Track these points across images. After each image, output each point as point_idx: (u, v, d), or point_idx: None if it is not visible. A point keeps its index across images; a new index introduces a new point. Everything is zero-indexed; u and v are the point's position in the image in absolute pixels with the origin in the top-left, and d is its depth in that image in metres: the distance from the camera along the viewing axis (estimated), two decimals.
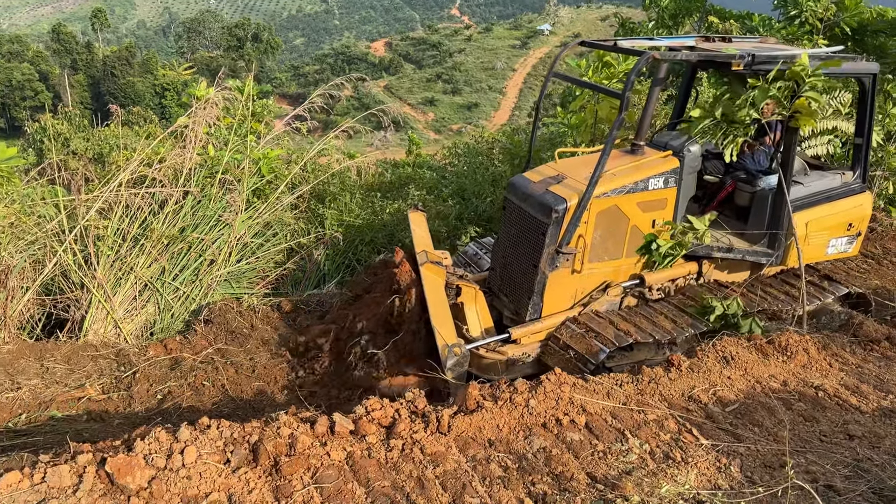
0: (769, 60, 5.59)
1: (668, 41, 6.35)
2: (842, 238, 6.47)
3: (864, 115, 6.39)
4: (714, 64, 5.94)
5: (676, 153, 5.89)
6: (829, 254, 6.51)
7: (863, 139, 6.47)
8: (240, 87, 8.06)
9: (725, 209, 6.52)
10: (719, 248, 6.06)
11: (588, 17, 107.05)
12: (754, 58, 5.51)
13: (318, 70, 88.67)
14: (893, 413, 4.39)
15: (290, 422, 3.61)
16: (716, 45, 6.19)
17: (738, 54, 5.47)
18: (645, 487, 3.41)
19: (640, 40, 6.32)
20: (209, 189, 7.11)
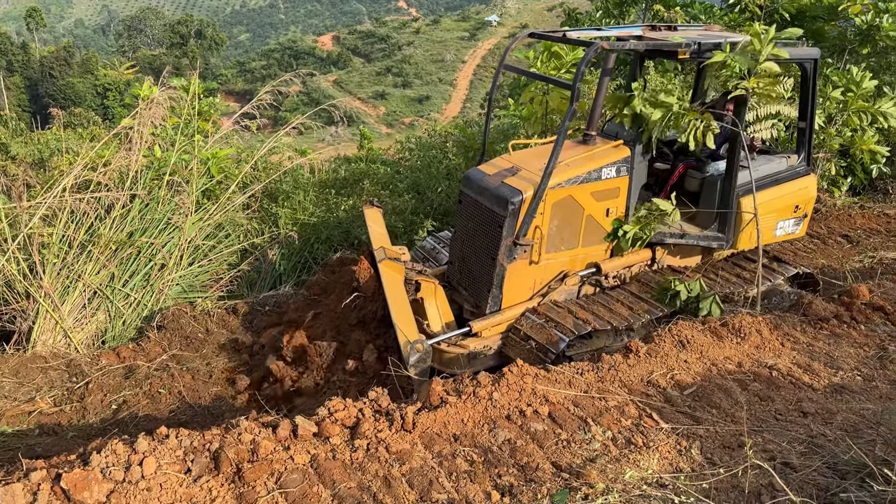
0: (714, 48, 5.71)
1: (615, 31, 6.43)
2: (789, 220, 6.63)
3: (806, 99, 6.56)
4: (662, 53, 6.05)
5: (627, 142, 5.97)
6: (777, 236, 6.67)
7: (806, 123, 6.64)
8: (185, 86, 7.88)
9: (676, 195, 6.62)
10: (672, 234, 6.17)
11: (535, 8, 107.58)
12: (700, 46, 5.61)
13: (264, 66, 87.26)
14: (844, 389, 4.53)
15: (251, 427, 3.55)
16: (662, 33, 6.28)
17: (684, 42, 5.57)
18: (609, 474, 3.45)
19: (588, 31, 6.38)
20: (157, 191, 6.94)
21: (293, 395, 5.41)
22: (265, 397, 5.38)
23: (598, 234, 5.98)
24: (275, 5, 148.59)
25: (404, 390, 4.90)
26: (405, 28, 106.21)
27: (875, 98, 9.89)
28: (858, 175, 10.85)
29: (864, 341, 5.28)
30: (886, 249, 8.85)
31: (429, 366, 4.91)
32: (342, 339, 5.72)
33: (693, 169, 6.53)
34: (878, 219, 10.33)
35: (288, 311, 6.41)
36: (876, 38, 11.23)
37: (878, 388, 4.60)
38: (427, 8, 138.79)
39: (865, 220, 10.23)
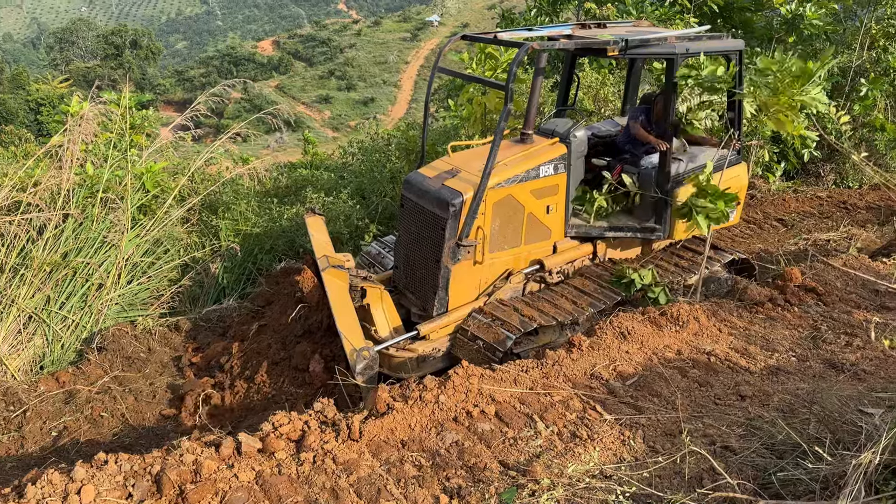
0: (641, 44, 5.84)
1: (546, 31, 6.50)
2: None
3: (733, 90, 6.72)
4: (591, 51, 6.16)
5: (563, 139, 6.05)
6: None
7: (734, 113, 6.81)
8: (116, 100, 7.69)
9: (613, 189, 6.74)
10: (612, 227, 6.29)
11: (475, 7, 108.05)
12: (627, 42, 5.72)
13: (203, 73, 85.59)
14: (780, 370, 4.68)
15: (194, 447, 3.50)
16: (592, 31, 6.39)
17: (612, 40, 5.67)
18: (555, 469, 3.50)
19: (519, 31, 6.43)
20: (90, 210, 6.76)
21: (240, 411, 5.33)
22: (211, 415, 5.29)
23: (540, 232, 6.05)
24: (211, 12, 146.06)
25: (353, 399, 4.89)
26: (346, 30, 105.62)
27: None
28: (791, 160, 11.22)
29: (798, 323, 5.46)
30: (819, 231, 9.18)
31: (377, 372, 4.90)
32: (288, 351, 5.66)
33: (629, 164, 6.65)
34: (811, 202, 10.70)
35: (232, 325, 6.32)
36: (801, 27, 11.62)
37: (811, 367, 4.76)
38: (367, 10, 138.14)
39: (799, 204, 10.58)
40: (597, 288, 5.98)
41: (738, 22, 12.39)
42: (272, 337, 5.84)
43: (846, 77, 11.99)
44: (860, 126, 12.00)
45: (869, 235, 8.51)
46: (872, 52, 12.18)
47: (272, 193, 9.99)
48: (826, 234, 8.67)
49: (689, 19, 11.39)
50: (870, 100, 11.45)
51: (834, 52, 8.16)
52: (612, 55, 5.74)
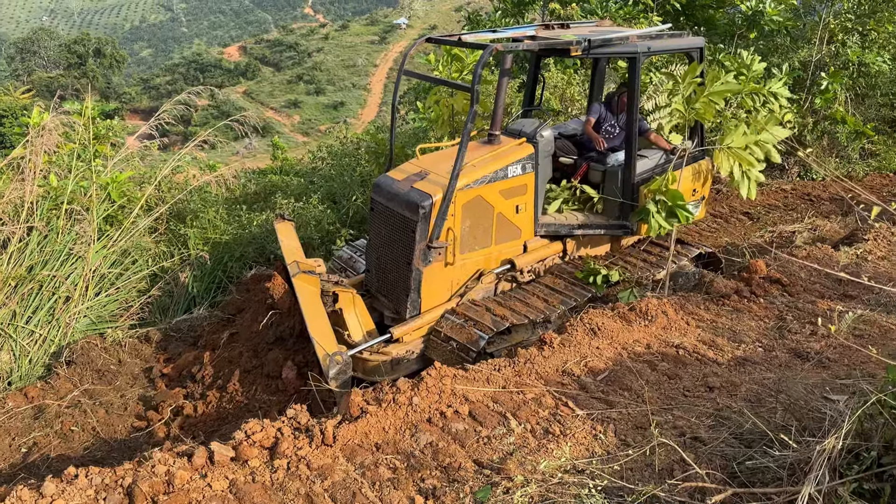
0: (604, 44, 5.92)
1: (510, 32, 6.56)
2: (689, 203, 6.89)
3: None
4: (555, 51, 6.21)
5: (530, 139, 6.11)
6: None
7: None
8: (79, 110, 7.58)
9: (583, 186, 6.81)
10: (581, 225, 6.36)
11: (442, 9, 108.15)
12: (590, 42, 5.80)
13: (169, 81, 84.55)
14: (747, 361, 4.77)
15: (166, 458, 3.47)
16: (555, 31, 6.47)
17: (575, 40, 5.74)
18: (528, 466, 3.54)
19: (483, 33, 6.48)
20: (55, 222, 6.66)
21: (213, 420, 5.30)
22: (184, 426, 5.25)
23: (510, 231, 6.09)
24: (176, 19, 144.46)
25: (326, 404, 4.88)
26: (313, 35, 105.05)
27: (765, 79, 10.43)
28: None
29: (764, 314, 5.57)
30: (784, 223, 9.34)
31: (350, 377, 4.89)
32: (260, 359, 5.63)
33: (595, 161, 6.73)
34: (775, 195, 10.89)
35: (203, 335, 6.27)
36: (761, 23, 11.84)
37: (777, 357, 4.86)
38: (334, 13, 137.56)
39: (764, 197, 10.77)
40: (567, 285, 6.04)
41: (700, 19, 12.59)
42: (244, 345, 5.80)
43: (807, 71, 12.23)
44: (822, 119, 12.25)
45: (833, 226, 8.69)
46: (831, 47, 12.44)
47: (241, 200, 9.93)
48: (791, 226, 8.84)
49: (653, 17, 11.54)
50: (830, 93, 11.70)
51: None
52: (575, 55, 5.80)
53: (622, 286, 6.07)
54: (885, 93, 13.00)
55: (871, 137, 12.48)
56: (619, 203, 6.40)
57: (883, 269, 6.47)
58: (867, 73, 12.44)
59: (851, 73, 12.23)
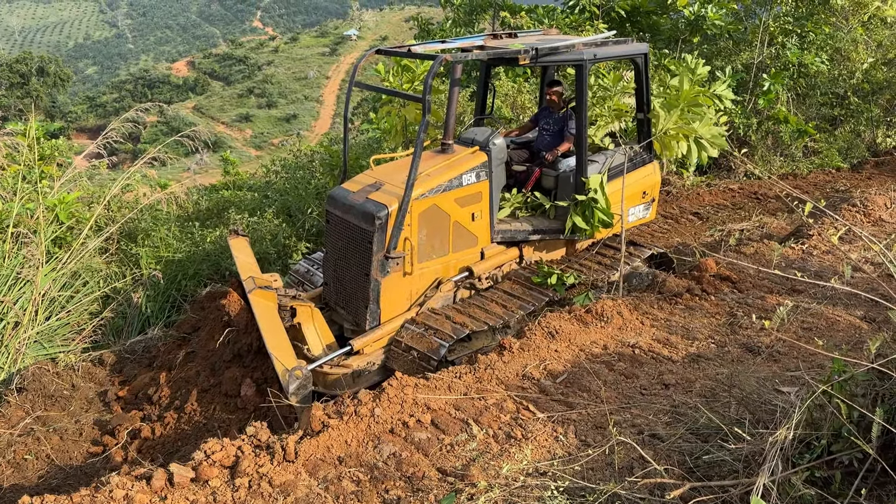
0: (551, 52, 6.02)
1: (459, 42, 6.61)
2: (639, 206, 7.09)
3: (641, 91, 7.00)
4: (504, 60, 6.31)
5: (483, 147, 6.16)
6: (630, 221, 7.09)
7: (643, 114, 7.07)
8: (22, 131, 7.40)
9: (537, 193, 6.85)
10: (535, 230, 6.44)
11: (392, 20, 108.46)
12: (538, 51, 5.89)
13: (116, 98, 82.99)
14: (700, 358, 4.88)
15: (124, 482, 3.40)
16: (504, 41, 6.54)
17: (523, 49, 5.82)
18: (490, 471, 3.56)
19: (433, 44, 6.52)
20: (1, 246, 6.48)
21: (172, 442, 5.19)
22: (142, 449, 5.14)
23: (467, 239, 6.13)
24: (122, 35, 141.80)
25: (287, 420, 4.83)
26: (263, 47, 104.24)
27: (709, 82, 10.70)
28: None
29: (716, 311, 5.71)
30: (733, 221, 9.59)
31: (311, 391, 4.85)
32: (218, 377, 5.55)
33: (547, 167, 6.81)
34: (724, 194, 11.17)
35: (159, 355, 6.14)
36: (703, 27, 12.16)
37: (730, 352, 4.98)
38: (283, 26, 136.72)
39: (713, 197, 11.04)
40: (525, 290, 6.10)
41: (645, 25, 12.88)
42: (201, 364, 5.71)
43: (749, 73, 12.59)
44: (765, 119, 12.63)
45: (780, 223, 8.94)
46: (772, 49, 12.84)
47: (193, 217, 9.76)
48: (739, 224, 9.08)
49: (599, 25, 11.76)
50: (772, 94, 12.07)
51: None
52: (523, 63, 5.87)
53: (579, 289, 6.16)
54: (825, 92, 13.48)
55: (813, 136, 12.92)
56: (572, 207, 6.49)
57: (828, 263, 6.69)
58: (807, 73, 12.88)
59: (792, 74, 12.65)
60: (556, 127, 6.97)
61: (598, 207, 6.30)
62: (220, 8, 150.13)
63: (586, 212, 6.34)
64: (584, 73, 6.16)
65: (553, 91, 6.90)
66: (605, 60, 6.75)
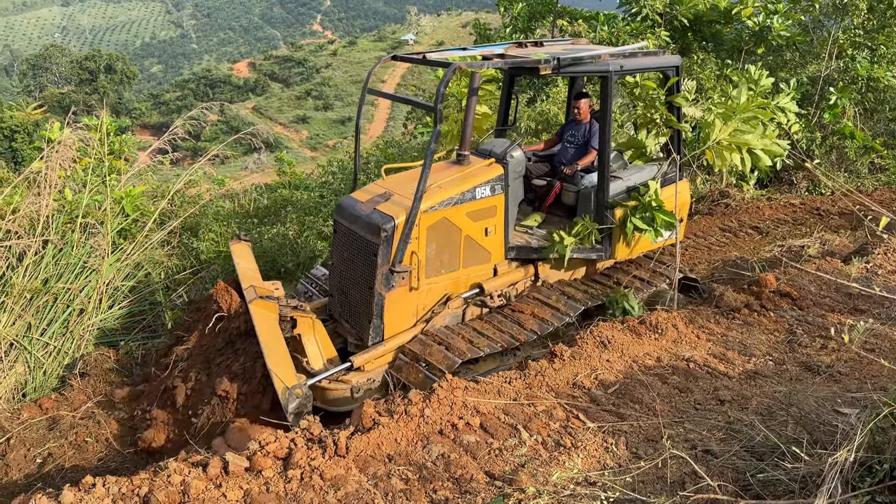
0: (574, 62, 5.82)
1: (480, 50, 6.38)
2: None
3: (672, 106, 6.72)
4: (524, 70, 6.08)
5: (500, 160, 5.96)
6: (655, 242, 6.66)
7: (674, 129, 6.79)
8: (94, 126, 7.69)
9: (557, 210, 6.69)
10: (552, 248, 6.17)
11: (450, 25, 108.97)
12: (560, 61, 5.69)
13: (179, 97, 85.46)
14: (757, 374, 4.78)
15: (181, 468, 3.51)
16: (528, 50, 6.35)
17: (544, 59, 5.62)
18: (539, 477, 3.55)
19: (452, 51, 6.33)
20: (70, 235, 6.75)
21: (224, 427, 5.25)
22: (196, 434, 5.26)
23: (480, 255, 5.93)
24: (186, 35, 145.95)
25: None
26: (322, 51, 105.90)
27: (773, 95, 10.47)
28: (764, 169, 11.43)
29: (774, 327, 5.58)
30: (794, 237, 9.35)
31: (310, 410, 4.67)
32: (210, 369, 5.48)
33: (568, 182, 6.59)
34: (784, 209, 10.90)
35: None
36: (768, 38, 11.92)
37: (788, 371, 4.87)
38: (342, 30, 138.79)
39: (773, 211, 10.78)
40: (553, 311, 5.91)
41: (708, 35, 12.69)
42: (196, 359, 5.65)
43: (815, 86, 12.28)
44: (830, 134, 12.29)
45: (842, 240, 8.69)
46: (840, 62, 12.50)
47: (251, 214, 10.01)
48: (800, 241, 8.85)
49: (660, 33, 11.64)
50: (838, 108, 11.75)
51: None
52: (544, 73, 5.68)
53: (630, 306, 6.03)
54: (894, 108, 13.04)
55: (880, 152, 12.51)
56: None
57: (893, 283, 6.48)
58: (876, 87, 12.49)
59: (860, 88, 12.29)
60: (580, 140, 6.74)
61: (658, 210, 6.05)
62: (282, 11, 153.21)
63: (646, 214, 6.12)
64: (609, 86, 5.94)
65: (579, 103, 6.70)
66: (632, 73, 6.49)
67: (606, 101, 5.99)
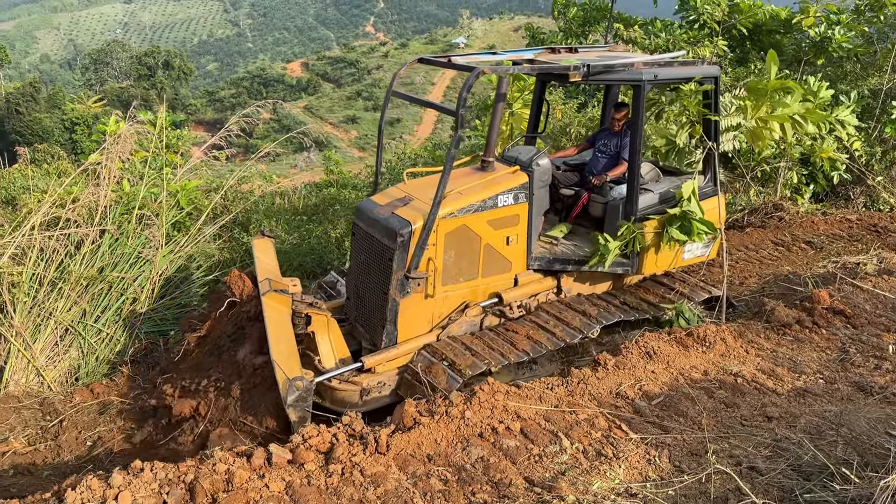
0: (605, 70, 5.67)
1: (510, 55, 6.25)
2: (697, 242, 6.44)
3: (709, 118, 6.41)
4: (553, 76, 5.94)
5: (525, 168, 5.81)
6: (685, 259, 6.55)
7: (711, 141, 6.49)
8: (152, 120, 7.91)
9: (584, 221, 6.52)
10: (574, 260, 6.04)
11: (501, 29, 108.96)
12: (590, 68, 5.54)
13: (233, 94, 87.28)
14: (807, 392, 4.66)
15: (226, 457, 3.58)
16: (561, 55, 6.19)
17: (573, 65, 5.48)
18: (580, 486, 3.53)
19: (481, 55, 6.14)
20: (126, 226, 6.95)
21: None
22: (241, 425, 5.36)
23: (500, 264, 5.79)
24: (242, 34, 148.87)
25: None
26: (374, 52, 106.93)
27: (832, 107, 10.21)
28: (820, 182, 11.15)
29: (826, 345, 5.43)
30: (849, 254, 9.08)
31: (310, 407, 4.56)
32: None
33: (596, 193, 6.42)
34: (840, 224, 10.59)
35: None
36: (829, 49, 11.62)
37: (839, 390, 4.73)
38: (395, 32, 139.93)
39: (828, 226, 10.48)
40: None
41: (767, 44, 12.42)
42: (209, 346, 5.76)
43: (877, 99, 11.92)
44: (891, 148, 11.91)
45: None
46: None
47: (300, 212, 10.16)
48: (855, 257, 8.58)
49: (718, 42, 11.44)
50: None
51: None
52: (574, 81, 5.54)
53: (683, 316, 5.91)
54: None
55: None
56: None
57: None
58: None
59: None
60: (612, 150, 6.58)
61: (696, 218, 5.85)
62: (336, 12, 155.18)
63: (683, 224, 5.96)
64: (641, 95, 5.75)
65: (617, 116, 6.52)
66: (667, 83, 6.22)
67: (638, 110, 5.82)
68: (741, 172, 10.67)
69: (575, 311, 5.94)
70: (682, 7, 12.27)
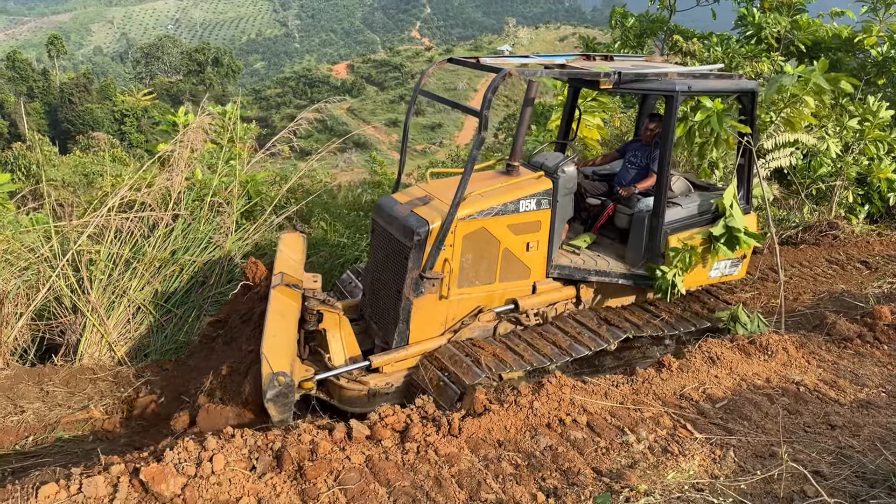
0: (637, 79, 5.60)
1: (541, 59, 6.11)
2: (724, 261, 6.39)
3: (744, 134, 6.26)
4: (583, 82, 5.87)
5: (550, 174, 5.72)
6: (712, 277, 6.44)
7: (745, 159, 6.38)
8: (225, 112, 8.21)
9: (609, 232, 6.47)
10: (595, 271, 5.97)
11: (547, 38, 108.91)
12: (621, 76, 5.44)
13: (279, 93, 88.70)
14: (870, 404, 4.69)
15: (310, 429, 3.77)
16: (595, 62, 6.12)
17: (604, 72, 5.39)
18: (649, 478, 3.63)
19: (512, 58, 6.07)
20: (199, 212, 7.23)
21: None
22: None
23: (518, 270, 5.71)
24: (290, 34, 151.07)
25: None
26: (418, 57, 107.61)
27: (891, 128, 10.11)
28: (876, 203, 11.04)
29: (888, 360, 5.44)
30: None
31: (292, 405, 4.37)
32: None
33: (623, 204, 6.36)
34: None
35: None
36: (892, 70, 11.49)
37: None
38: (440, 38, 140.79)
39: (884, 247, 10.37)
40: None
41: (828, 62, 12.31)
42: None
43: None
44: None
45: None
46: None
47: (356, 208, 10.38)
48: None
49: (775, 57, 11.41)
50: None
51: None
52: (604, 88, 5.46)
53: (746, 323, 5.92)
54: None
55: None
56: (643, 251, 6.05)
57: None
58: None
59: None
60: (642, 161, 6.48)
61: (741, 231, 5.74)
62: (383, 16, 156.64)
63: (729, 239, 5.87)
64: (673, 106, 5.65)
65: (650, 126, 6.40)
66: (701, 95, 6.03)
67: (670, 122, 5.74)
68: (796, 189, 10.62)
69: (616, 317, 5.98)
70: (740, 22, 12.25)
